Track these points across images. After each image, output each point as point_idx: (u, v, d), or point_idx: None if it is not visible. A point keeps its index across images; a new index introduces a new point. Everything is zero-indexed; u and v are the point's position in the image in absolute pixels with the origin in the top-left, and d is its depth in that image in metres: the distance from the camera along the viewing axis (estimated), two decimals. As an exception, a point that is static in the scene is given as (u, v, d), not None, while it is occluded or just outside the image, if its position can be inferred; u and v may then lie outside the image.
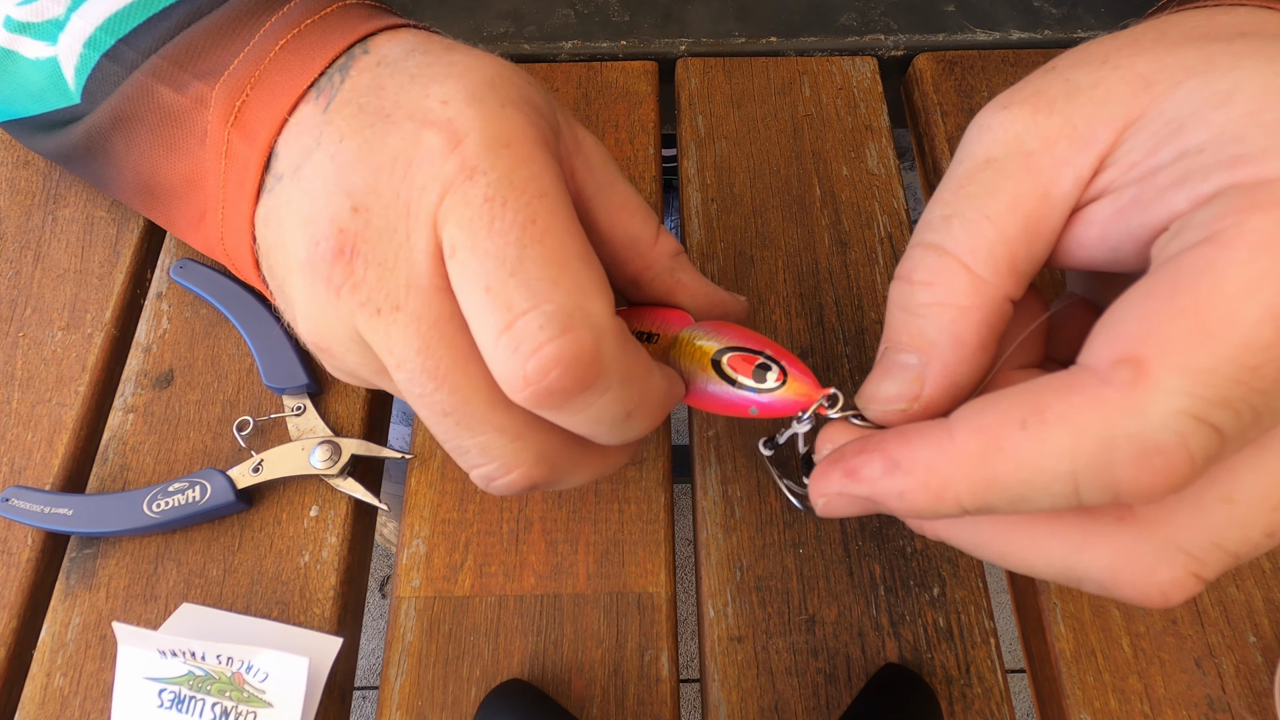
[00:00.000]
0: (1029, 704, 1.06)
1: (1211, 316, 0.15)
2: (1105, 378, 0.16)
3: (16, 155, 0.39)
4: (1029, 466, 0.16)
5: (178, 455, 0.31)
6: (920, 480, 0.18)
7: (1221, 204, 0.16)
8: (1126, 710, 0.27)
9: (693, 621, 0.63)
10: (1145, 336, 0.16)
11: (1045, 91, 0.20)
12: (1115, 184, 0.19)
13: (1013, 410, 0.17)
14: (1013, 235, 0.19)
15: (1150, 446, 0.15)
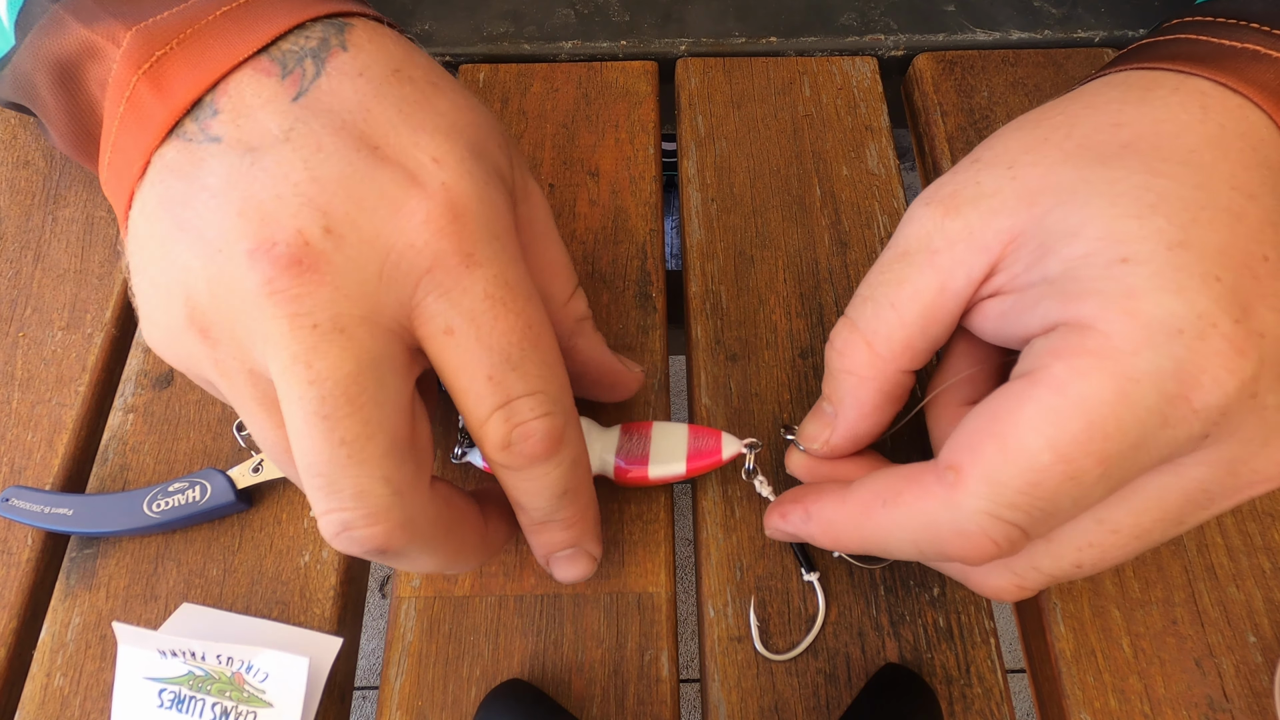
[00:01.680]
0: (1029, 704, 1.06)
1: (1010, 443, 0.20)
2: (939, 477, 0.21)
3: (16, 155, 0.39)
4: (885, 532, 0.23)
5: (178, 455, 0.31)
6: (823, 529, 0.25)
7: (1051, 340, 0.20)
8: (1126, 710, 0.27)
9: (693, 621, 0.63)
10: (966, 451, 0.20)
11: (959, 194, 0.23)
12: (1003, 287, 0.22)
13: (881, 491, 0.23)
14: (910, 321, 0.24)
15: (961, 531, 0.21)
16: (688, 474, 0.29)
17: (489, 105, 0.40)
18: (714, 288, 0.35)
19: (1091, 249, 0.20)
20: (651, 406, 0.32)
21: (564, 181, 0.37)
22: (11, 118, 0.40)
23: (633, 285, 0.35)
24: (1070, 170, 0.21)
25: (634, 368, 0.30)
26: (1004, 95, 0.40)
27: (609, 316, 0.34)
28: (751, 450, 0.29)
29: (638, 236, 0.36)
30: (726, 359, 0.33)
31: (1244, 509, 0.30)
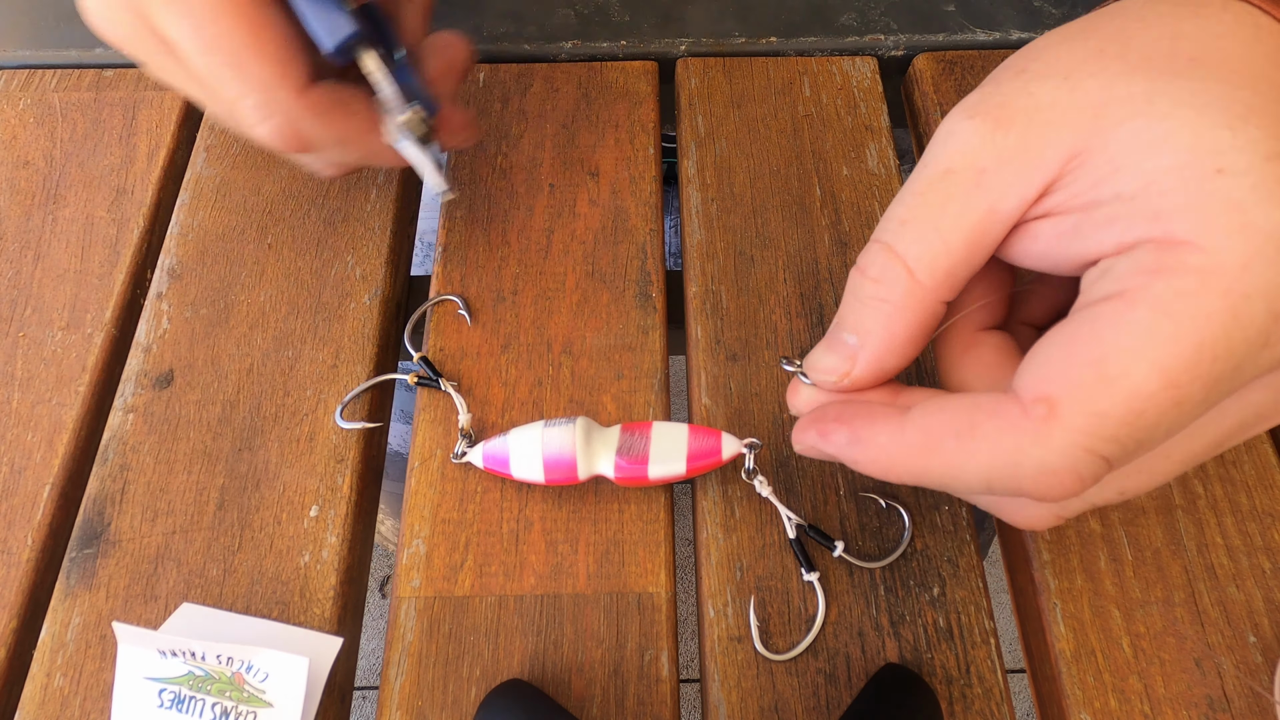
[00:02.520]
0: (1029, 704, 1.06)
1: (1110, 372, 0.18)
2: (1025, 410, 0.19)
3: (16, 155, 0.39)
4: (953, 467, 0.21)
5: (178, 455, 0.31)
6: (872, 456, 0.22)
7: (1137, 259, 0.19)
8: (1126, 710, 0.27)
9: (693, 621, 0.63)
10: (1059, 381, 0.19)
11: (1009, 105, 0.21)
12: (1060, 207, 0.21)
13: (952, 421, 0.21)
14: (955, 246, 0.21)
15: (1049, 469, 0.19)
16: (688, 474, 0.29)
17: (488, 105, 0.40)
18: (714, 288, 0.35)
19: (1180, 161, 0.18)
20: (651, 406, 0.32)
21: (564, 181, 0.37)
22: (11, 117, 0.40)
23: (633, 285, 0.35)
24: (1141, 81, 0.20)
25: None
26: (1004, 95, 0.39)
27: (609, 316, 0.34)
28: (751, 450, 0.29)
29: (638, 236, 0.36)
30: (726, 359, 0.33)
31: (1244, 509, 0.30)
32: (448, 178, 0.28)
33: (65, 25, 0.42)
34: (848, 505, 0.30)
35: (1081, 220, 0.20)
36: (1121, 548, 0.29)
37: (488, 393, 0.33)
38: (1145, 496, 0.30)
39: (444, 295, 0.35)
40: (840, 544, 0.29)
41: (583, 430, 0.29)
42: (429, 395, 0.33)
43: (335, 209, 0.37)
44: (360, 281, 0.35)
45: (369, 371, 0.33)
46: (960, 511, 0.30)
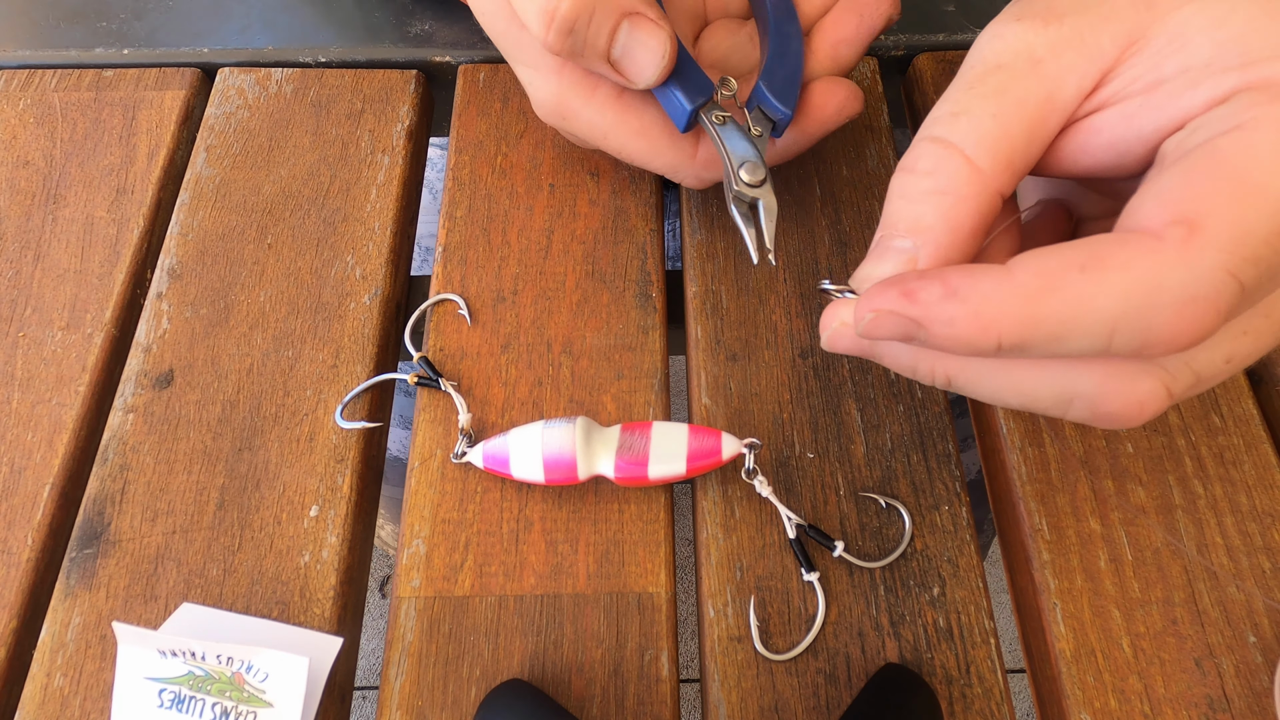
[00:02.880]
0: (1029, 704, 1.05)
1: (1251, 185, 0.17)
2: (1160, 234, 0.18)
3: (16, 155, 0.39)
4: (1080, 306, 0.18)
5: (178, 455, 0.31)
6: (973, 309, 0.18)
7: (1241, 101, 0.18)
8: (1126, 710, 0.27)
9: (693, 621, 0.63)
10: (1196, 201, 0.18)
11: (1056, 6, 0.21)
12: (1120, 95, 0.20)
13: (1075, 256, 0.18)
14: (1015, 133, 0.20)
15: (1192, 296, 0.17)
16: (688, 474, 0.29)
17: (488, 105, 0.40)
18: (714, 288, 0.35)
19: (1252, 24, 0.19)
20: (651, 406, 0.32)
21: (564, 181, 0.37)
22: (11, 117, 0.40)
23: (633, 285, 0.35)
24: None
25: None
26: (1004, 95, 0.39)
27: (609, 316, 0.34)
28: (751, 450, 0.29)
29: (638, 236, 0.36)
30: (726, 359, 0.33)
31: (1244, 508, 0.30)
32: (761, 246, 0.28)
33: (65, 25, 0.42)
34: (848, 505, 0.30)
35: (1150, 97, 0.20)
36: (1121, 548, 0.29)
37: (488, 393, 0.33)
38: (1145, 496, 0.30)
39: (444, 295, 0.35)
40: (840, 544, 0.29)
41: (583, 430, 0.29)
42: (429, 395, 0.33)
43: (335, 209, 0.37)
44: (360, 281, 0.35)
45: (369, 371, 0.33)
46: (960, 511, 0.30)
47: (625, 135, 0.30)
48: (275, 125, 0.39)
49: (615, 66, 0.28)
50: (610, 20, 0.27)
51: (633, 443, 0.29)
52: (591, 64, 0.28)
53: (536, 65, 0.30)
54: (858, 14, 0.30)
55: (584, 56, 0.28)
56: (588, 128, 0.31)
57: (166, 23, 0.42)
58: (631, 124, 0.30)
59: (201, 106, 0.41)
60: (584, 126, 0.31)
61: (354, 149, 0.39)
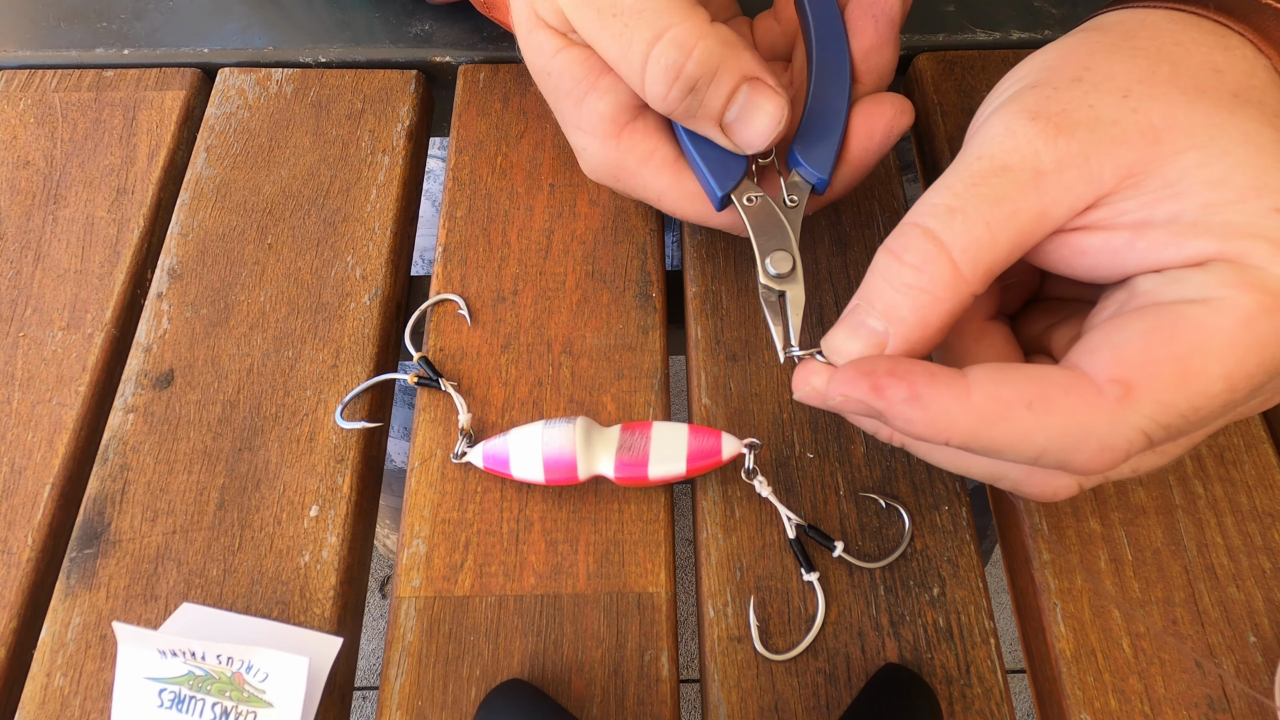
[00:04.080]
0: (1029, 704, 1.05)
1: (1192, 369, 0.20)
2: (1101, 389, 0.20)
3: (16, 155, 0.39)
4: (1019, 438, 0.21)
5: (178, 455, 0.31)
6: (930, 418, 0.21)
7: (1219, 272, 0.20)
8: (1126, 710, 0.27)
9: (693, 621, 0.63)
10: (1139, 368, 0.20)
11: (1071, 114, 0.22)
12: (1108, 223, 0.22)
13: (1025, 392, 0.21)
14: (1002, 245, 0.22)
15: (1109, 445, 0.20)
16: (688, 474, 0.29)
17: (488, 105, 0.40)
18: (714, 288, 0.35)
19: (1241, 196, 0.20)
20: (651, 406, 0.32)
21: (564, 181, 0.37)
22: (11, 117, 0.40)
23: (633, 285, 0.35)
24: (1199, 114, 0.21)
25: None
26: (1004, 95, 0.39)
27: (609, 316, 0.34)
28: (751, 450, 0.29)
29: (638, 236, 0.36)
30: (726, 359, 0.33)
31: (1244, 508, 0.30)
32: (786, 343, 0.27)
33: (65, 25, 0.42)
34: (848, 505, 0.30)
35: (1135, 239, 0.21)
36: (1121, 548, 0.29)
37: (488, 393, 0.33)
38: (1145, 496, 0.30)
39: (444, 295, 0.35)
40: (840, 544, 0.29)
41: (583, 430, 0.29)
42: (429, 395, 0.33)
43: (335, 209, 0.37)
44: (360, 281, 0.35)
45: (369, 371, 0.33)
46: (960, 511, 0.30)
47: (680, 199, 0.30)
48: (275, 125, 0.39)
49: (725, 129, 0.28)
50: (731, 82, 0.27)
51: (633, 443, 0.29)
52: (701, 125, 0.28)
53: (595, 131, 0.30)
54: (870, 15, 0.29)
55: (695, 118, 0.28)
56: (642, 190, 0.31)
57: (167, 23, 0.42)
58: (687, 188, 0.30)
59: (202, 107, 0.41)
60: (639, 189, 0.31)
61: (354, 149, 0.39)
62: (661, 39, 0.26)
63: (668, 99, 0.27)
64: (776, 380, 0.33)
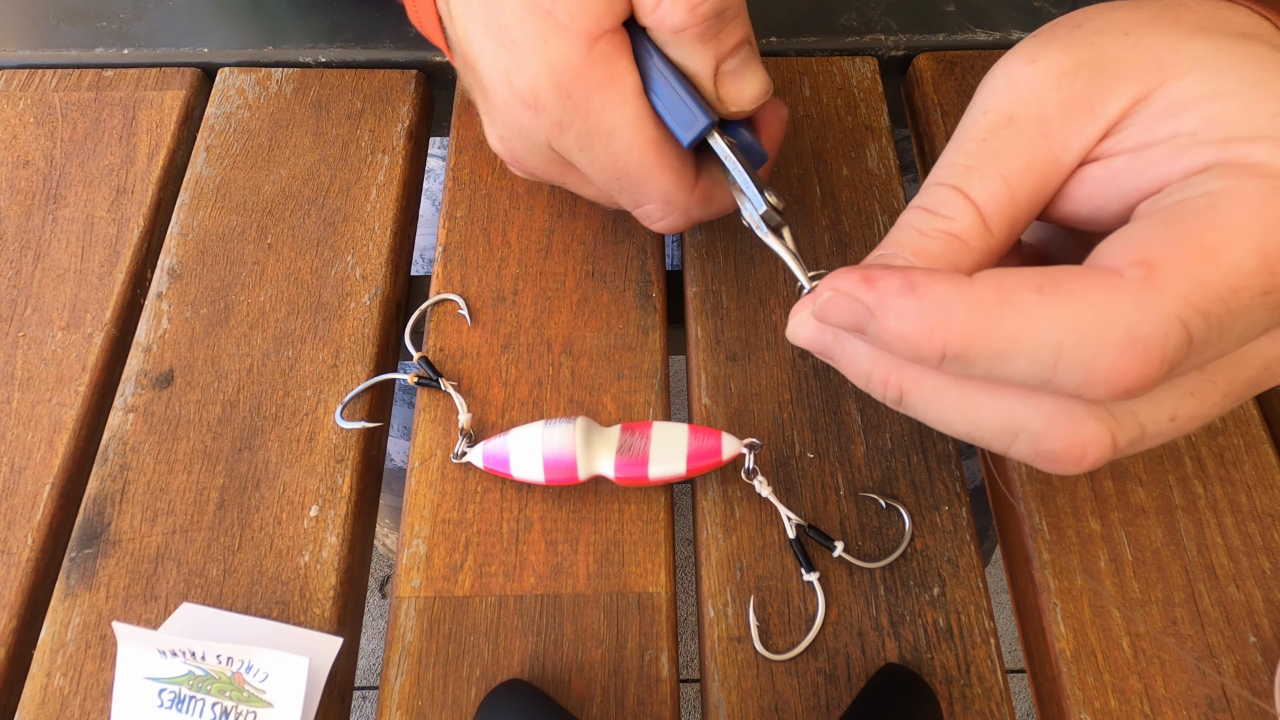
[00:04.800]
0: (1029, 704, 1.06)
1: (1213, 243, 0.18)
2: (1119, 271, 0.18)
3: (16, 155, 0.39)
4: (1028, 327, 0.18)
5: (178, 455, 0.31)
6: (926, 307, 0.19)
7: (1218, 173, 0.19)
8: (1126, 710, 0.27)
9: (693, 621, 0.63)
10: (1160, 247, 0.18)
11: (1071, 52, 0.22)
12: (1111, 150, 0.21)
13: (1034, 279, 0.19)
14: (1021, 198, 0.22)
15: (1139, 336, 0.17)
16: (688, 474, 0.29)
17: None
18: (714, 288, 0.35)
19: (1243, 106, 0.20)
20: (651, 406, 0.32)
21: (564, 181, 0.37)
22: (11, 117, 0.40)
23: (633, 285, 0.35)
24: (1202, 43, 0.21)
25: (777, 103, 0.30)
26: (1004, 95, 0.40)
27: (609, 316, 0.34)
28: (751, 450, 0.29)
29: (638, 236, 0.36)
30: (726, 359, 0.33)
31: (1244, 508, 0.30)
32: (804, 268, 0.27)
33: (65, 25, 0.42)
34: (848, 505, 0.30)
35: (1135, 159, 0.21)
36: (1121, 548, 0.29)
37: (488, 393, 0.33)
38: (1145, 496, 0.30)
39: (444, 295, 0.35)
40: (840, 544, 0.29)
41: (583, 430, 0.29)
42: (429, 395, 0.33)
43: (335, 209, 0.37)
44: (360, 281, 0.35)
45: (369, 371, 0.33)
46: (960, 511, 0.30)
47: (636, 137, 0.27)
48: (275, 125, 0.39)
49: (719, 78, 0.27)
50: (743, 32, 0.27)
51: (633, 443, 0.29)
52: (703, 57, 0.27)
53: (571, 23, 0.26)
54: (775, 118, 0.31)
55: (703, 44, 0.26)
56: (589, 119, 0.27)
57: (167, 23, 0.42)
58: (649, 131, 0.27)
59: (201, 106, 0.41)
60: (580, 118, 0.27)
61: (354, 149, 0.39)
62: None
63: (697, 10, 0.25)
64: (776, 380, 0.33)
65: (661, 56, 0.27)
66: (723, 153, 0.28)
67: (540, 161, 0.29)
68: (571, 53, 0.25)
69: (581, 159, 0.28)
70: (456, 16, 0.27)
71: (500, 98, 0.27)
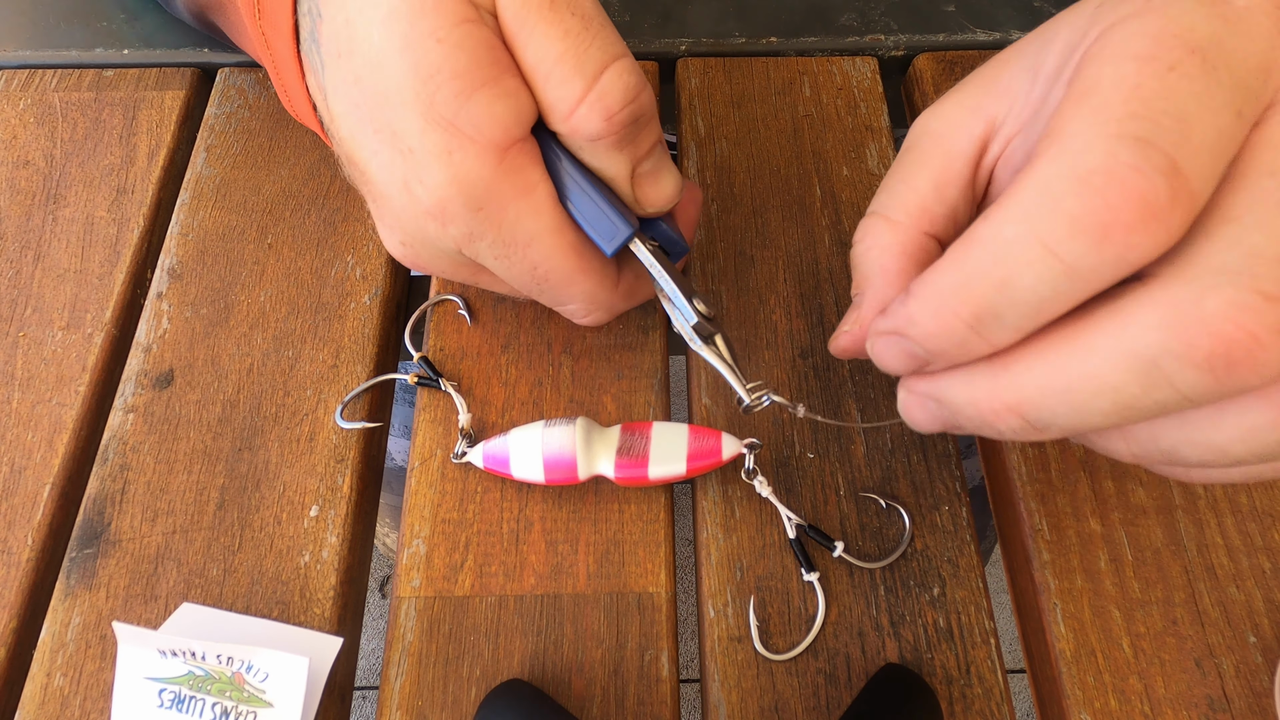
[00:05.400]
0: (1029, 704, 1.06)
1: (1110, 72, 0.18)
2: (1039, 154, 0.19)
3: (16, 155, 0.39)
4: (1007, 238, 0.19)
5: (178, 455, 0.31)
6: (925, 291, 0.21)
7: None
8: (1126, 710, 0.27)
9: (693, 621, 0.63)
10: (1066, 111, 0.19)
11: (962, 87, 0.25)
12: (1014, 129, 0.23)
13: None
14: (921, 187, 0.24)
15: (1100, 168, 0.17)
16: (688, 474, 0.29)
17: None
18: (714, 288, 0.35)
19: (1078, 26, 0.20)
20: (652, 406, 0.32)
21: (564, 181, 0.37)
22: (11, 117, 0.40)
23: (633, 285, 0.35)
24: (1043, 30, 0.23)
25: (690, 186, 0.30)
26: (1004, 95, 0.40)
27: (609, 316, 0.34)
28: (751, 450, 0.29)
29: (638, 236, 0.36)
30: (726, 359, 0.33)
31: (1244, 508, 0.30)
32: (742, 380, 0.27)
33: (65, 25, 0.42)
34: (848, 505, 0.30)
35: (1027, 130, 0.22)
36: (1121, 548, 0.29)
37: (488, 393, 0.33)
38: (1145, 496, 0.30)
39: (444, 295, 0.35)
40: (840, 544, 0.29)
41: (583, 430, 0.29)
42: (429, 395, 0.33)
43: (335, 209, 0.37)
44: (360, 281, 0.35)
45: (369, 371, 0.33)
46: (960, 511, 0.30)
47: (556, 247, 0.26)
48: (275, 125, 0.39)
49: (636, 179, 0.27)
50: (657, 134, 0.27)
51: (633, 443, 0.29)
52: (618, 163, 0.26)
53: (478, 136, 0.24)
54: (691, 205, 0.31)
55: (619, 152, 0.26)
56: (504, 230, 0.25)
57: (166, 23, 0.42)
58: (568, 236, 0.26)
59: (201, 106, 0.41)
60: (493, 230, 0.25)
61: (354, 149, 0.39)
62: (622, 58, 0.24)
63: (615, 119, 0.24)
64: (776, 380, 0.33)
65: (574, 162, 0.26)
66: (647, 261, 0.27)
67: (448, 266, 0.28)
68: (481, 166, 0.24)
69: (498, 266, 0.26)
70: (337, 114, 0.25)
71: (399, 205, 0.25)
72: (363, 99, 0.24)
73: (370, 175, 0.25)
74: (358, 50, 0.24)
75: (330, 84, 0.25)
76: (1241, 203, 0.17)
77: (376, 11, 0.23)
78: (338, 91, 0.25)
